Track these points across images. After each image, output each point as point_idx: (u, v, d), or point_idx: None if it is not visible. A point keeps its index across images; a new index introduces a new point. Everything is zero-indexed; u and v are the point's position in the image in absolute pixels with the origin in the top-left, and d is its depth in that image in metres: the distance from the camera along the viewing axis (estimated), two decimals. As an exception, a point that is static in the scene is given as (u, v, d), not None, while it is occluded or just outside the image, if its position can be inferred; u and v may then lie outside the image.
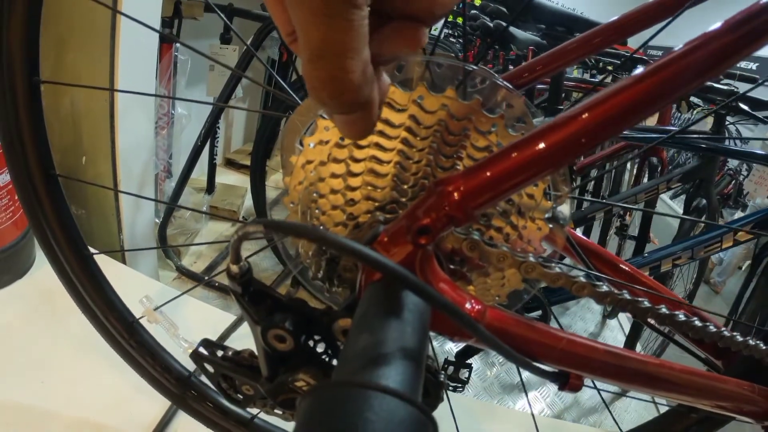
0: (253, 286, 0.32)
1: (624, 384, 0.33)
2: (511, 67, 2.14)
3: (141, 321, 0.54)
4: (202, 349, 0.40)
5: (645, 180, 2.04)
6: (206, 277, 1.56)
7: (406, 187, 0.33)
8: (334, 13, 0.20)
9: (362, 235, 0.30)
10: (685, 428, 0.51)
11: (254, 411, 0.57)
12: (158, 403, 0.73)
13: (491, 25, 1.77)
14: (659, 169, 2.00)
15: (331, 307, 0.31)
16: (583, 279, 0.29)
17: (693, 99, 1.69)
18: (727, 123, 1.56)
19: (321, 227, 0.34)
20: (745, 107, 1.42)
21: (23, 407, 0.69)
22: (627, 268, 0.49)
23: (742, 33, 0.24)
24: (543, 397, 1.53)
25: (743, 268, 3.23)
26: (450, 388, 1.30)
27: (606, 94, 0.24)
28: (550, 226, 0.34)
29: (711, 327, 0.36)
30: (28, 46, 0.40)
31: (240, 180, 2.24)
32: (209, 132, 1.53)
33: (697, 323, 0.35)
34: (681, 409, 0.52)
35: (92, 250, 0.51)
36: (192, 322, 0.93)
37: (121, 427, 0.70)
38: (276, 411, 0.40)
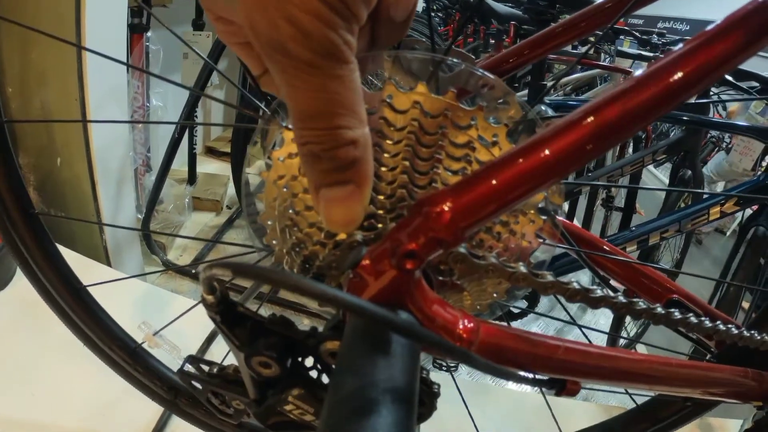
0: (232, 310, 0.30)
1: (620, 384, 0.33)
2: (491, 41, 2.11)
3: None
4: (188, 367, 0.38)
5: (630, 152, 2.04)
6: (193, 270, 1.54)
7: (382, 198, 0.30)
8: (321, 71, 0.18)
9: (341, 259, 0.28)
10: (675, 412, 0.52)
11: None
12: (150, 406, 0.72)
13: None
14: (644, 140, 2.01)
15: (316, 329, 0.29)
16: (576, 286, 0.28)
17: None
18: (711, 93, 1.56)
19: (299, 252, 0.32)
20: (730, 78, 1.42)
21: (13, 419, 0.68)
22: (609, 249, 0.49)
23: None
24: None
25: (728, 233, 3.28)
26: (443, 368, 1.32)
27: (613, 95, 0.22)
28: (543, 218, 0.32)
29: (706, 322, 0.36)
30: None
31: (222, 168, 2.20)
32: (188, 119, 1.49)
33: (692, 320, 0.35)
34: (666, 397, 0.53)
35: (83, 280, 0.49)
36: (184, 326, 0.92)
37: (112, 426, 0.69)
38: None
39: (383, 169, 0.30)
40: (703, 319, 0.36)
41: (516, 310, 1.33)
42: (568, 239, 0.44)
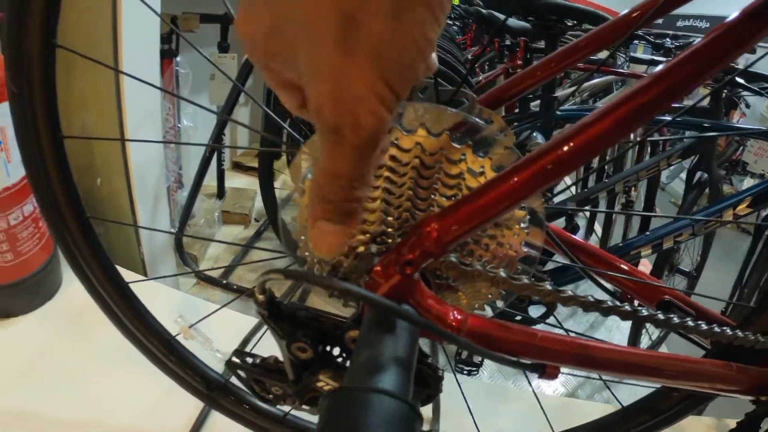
0: (277, 308, 0.37)
1: (597, 371, 0.37)
2: (506, 53, 2.15)
3: (178, 338, 0.60)
4: (235, 359, 0.45)
5: (647, 156, 2.05)
6: (224, 281, 1.61)
7: (391, 219, 0.37)
8: (362, 152, 0.24)
9: (359, 266, 0.34)
10: (672, 405, 0.55)
11: (286, 409, 0.62)
12: (192, 404, 0.78)
13: (485, 12, 1.78)
14: (661, 144, 2.02)
15: (343, 322, 0.36)
16: (548, 287, 0.33)
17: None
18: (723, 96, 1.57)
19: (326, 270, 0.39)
20: (742, 80, 1.44)
21: (65, 416, 0.75)
22: (608, 258, 0.53)
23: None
24: (557, 375, 1.57)
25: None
26: (465, 371, 1.36)
27: (569, 133, 0.28)
28: (527, 231, 0.38)
29: (702, 325, 0.40)
30: (49, 105, 0.44)
31: (249, 182, 2.29)
32: (216, 142, 1.57)
33: (690, 323, 0.39)
34: (664, 390, 0.56)
35: (126, 279, 0.56)
36: (216, 325, 0.98)
37: (157, 426, 0.75)
38: (303, 407, 0.45)
39: (392, 196, 0.37)
40: (698, 323, 0.40)
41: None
42: (561, 246, 0.49)
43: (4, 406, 0.75)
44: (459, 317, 0.33)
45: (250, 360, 0.43)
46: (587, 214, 2.73)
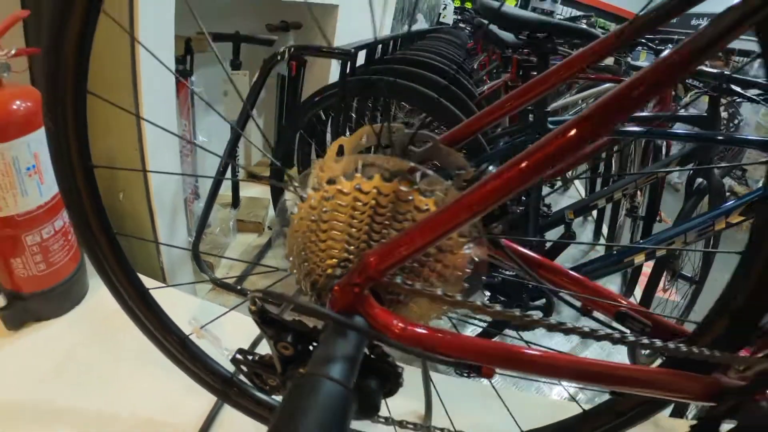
0: (267, 315, 0.44)
1: (526, 372, 0.43)
2: (509, 65, 2.20)
3: (191, 338, 0.68)
4: (238, 356, 0.53)
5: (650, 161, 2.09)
6: (238, 287, 1.70)
7: (353, 248, 0.46)
8: None
9: (327, 285, 0.42)
10: (632, 407, 0.59)
11: (280, 399, 0.72)
12: (206, 401, 0.86)
13: (474, 20, 1.83)
14: (664, 149, 2.05)
15: (316, 327, 0.43)
16: (478, 303, 0.40)
17: (689, 81, 1.74)
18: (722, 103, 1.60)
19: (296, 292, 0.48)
20: (737, 88, 1.46)
21: (92, 412, 0.83)
22: (569, 275, 0.58)
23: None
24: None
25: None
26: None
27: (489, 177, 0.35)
28: (469, 252, 0.45)
29: (656, 342, 0.45)
30: (80, 140, 0.52)
31: (263, 191, 2.38)
32: (230, 156, 1.66)
33: (631, 338, 0.45)
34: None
35: (147, 285, 0.64)
36: (227, 327, 1.06)
37: (174, 421, 0.83)
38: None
39: (354, 230, 0.44)
40: (642, 338, 0.46)
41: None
42: (519, 263, 0.55)
43: (38, 400, 0.83)
44: (400, 325, 0.41)
45: (250, 357, 0.51)
46: (593, 222, 2.76)
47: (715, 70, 1.46)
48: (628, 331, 0.58)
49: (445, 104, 1.22)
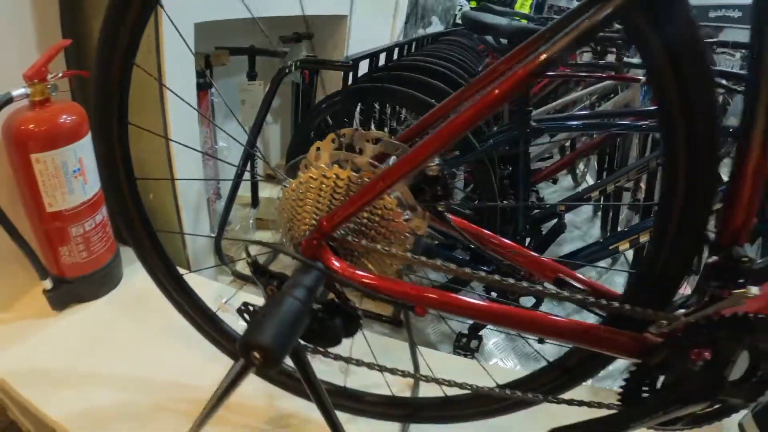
0: (259, 267, 0.58)
1: (455, 314, 0.54)
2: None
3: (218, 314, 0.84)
4: (242, 307, 0.66)
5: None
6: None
7: (318, 216, 0.58)
8: None
9: (299, 241, 0.57)
10: (578, 361, 0.65)
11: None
12: (223, 366, 1.00)
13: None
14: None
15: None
16: (412, 257, 0.53)
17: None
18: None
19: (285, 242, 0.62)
20: (723, 81, 1.53)
21: (129, 376, 0.98)
22: (514, 246, 0.70)
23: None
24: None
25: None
26: (462, 354, 1.53)
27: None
28: (407, 220, 0.58)
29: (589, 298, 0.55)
30: (125, 159, 0.67)
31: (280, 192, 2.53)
32: (246, 161, 1.81)
33: (577, 297, 0.56)
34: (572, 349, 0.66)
35: (181, 272, 0.80)
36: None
37: (196, 384, 0.98)
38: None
39: (319, 204, 0.58)
40: (587, 297, 0.55)
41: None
42: (462, 234, 0.67)
43: (81, 368, 0.99)
44: (350, 270, 0.54)
45: (251, 308, 0.65)
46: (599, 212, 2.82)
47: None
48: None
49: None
